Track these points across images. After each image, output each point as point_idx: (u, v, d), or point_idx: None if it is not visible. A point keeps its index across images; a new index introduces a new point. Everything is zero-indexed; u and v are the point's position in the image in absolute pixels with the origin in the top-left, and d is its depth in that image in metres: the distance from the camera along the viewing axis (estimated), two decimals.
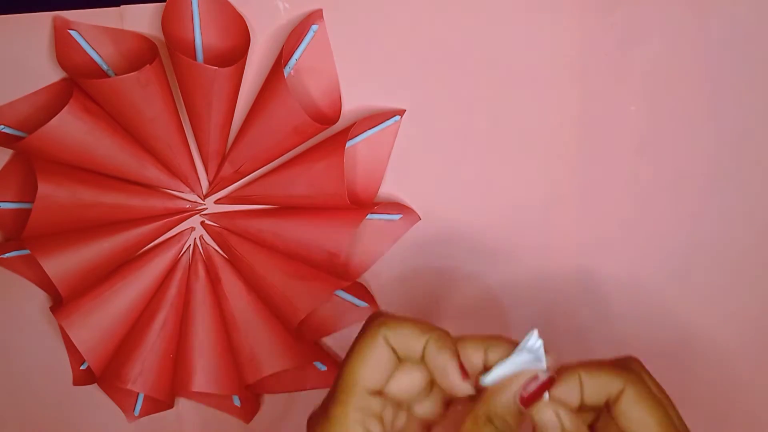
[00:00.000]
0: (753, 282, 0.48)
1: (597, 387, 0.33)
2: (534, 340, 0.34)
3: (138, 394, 0.49)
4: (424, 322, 0.35)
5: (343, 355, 0.49)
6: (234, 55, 0.42)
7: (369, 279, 0.48)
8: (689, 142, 0.46)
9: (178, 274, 0.47)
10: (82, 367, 0.49)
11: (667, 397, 0.34)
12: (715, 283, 0.48)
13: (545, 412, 0.33)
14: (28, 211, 0.42)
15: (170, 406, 0.48)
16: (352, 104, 0.45)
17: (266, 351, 0.47)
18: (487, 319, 0.48)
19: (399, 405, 0.35)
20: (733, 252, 0.47)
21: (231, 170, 0.45)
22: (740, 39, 0.44)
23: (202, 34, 0.42)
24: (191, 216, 0.47)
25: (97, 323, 0.46)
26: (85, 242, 0.44)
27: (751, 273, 0.48)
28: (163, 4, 0.41)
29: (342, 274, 0.45)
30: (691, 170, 0.46)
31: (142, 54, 0.43)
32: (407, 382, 0.34)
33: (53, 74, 0.44)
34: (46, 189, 0.42)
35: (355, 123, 0.43)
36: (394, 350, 0.34)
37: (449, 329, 0.49)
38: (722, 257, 0.47)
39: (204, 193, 0.46)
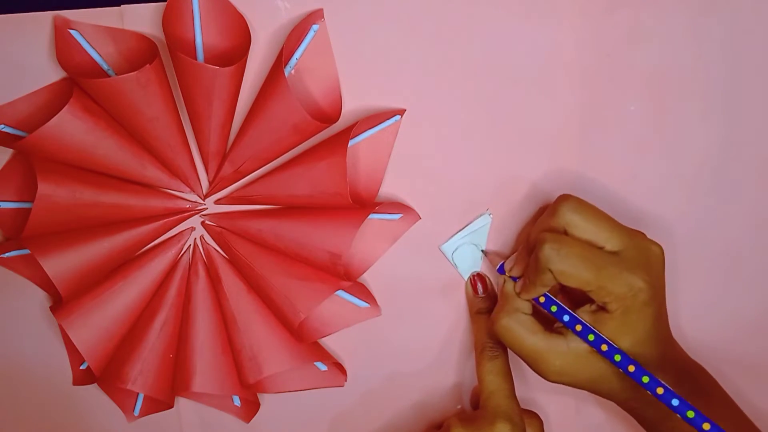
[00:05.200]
0: (751, 283, 0.48)
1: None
2: (482, 220, 0.46)
3: (138, 394, 0.49)
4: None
5: (343, 354, 0.49)
6: (234, 54, 0.42)
7: (369, 279, 0.48)
8: (689, 142, 0.46)
9: (178, 274, 0.47)
10: (82, 367, 0.49)
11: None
12: (714, 283, 0.48)
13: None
14: (28, 211, 0.42)
15: (170, 406, 0.48)
16: (352, 104, 0.45)
17: (266, 351, 0.47)
18: None
19: None
20: (733, 253, 0.47)
21: (231, 169, 0.45)
22: (740, 39, 0.44)
23: (202, 33, 0.42)
24: (191, 216, 0.47)
25: (97, 323, 0.46)
26: (85, 242, 0.44)
27: (750, 274, 0.48)
28: (164, 3, 0.41)
29: (343, 275, 0.45)
30: (691, 170, 0.46)
31: (142, 54, 0.43)
32: None
33: (53, 74, 0.44)
34: (46, 188, 0.42)
35: (356, 123, 0.43)
36: None
37: (449, 329, 0.49)
38: (722, 258, 0.48)
39: (204, 193, 0.46)
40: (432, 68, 0.44)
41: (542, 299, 0.42)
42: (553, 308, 0.42)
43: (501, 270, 0.45)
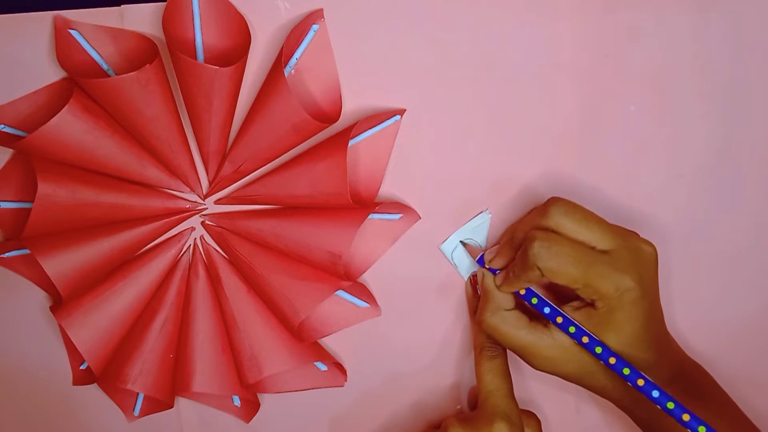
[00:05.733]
0: (751, 283, 0.48)
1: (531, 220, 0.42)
2: (480, 218, 0.46)
3: (138, 394, 0.49)
4: None
5: (343, 354, 0.49)
6: (234, 54, 0.42)
7: (369, 279, 0.48)
8: (689, 143, 0.46)
9: (179, 274, 0.47)
10: (81, 367, 0.49)
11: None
12: (714, 283, 0.48)
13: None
14: (28, 211, 0.42)
15: (170, 406, 0.48)
16: (352, 104, 0.45)
17: (266, 351, 0.47)
18: None
19: None
20: (733, 253, 0.47)
21: (231, 169, 0.45)
22: (740, 39, 0.44)
23: (202, 33, 0.42)
24: (191, 216, 0.47)
25: (97, 323, 0.46)
26: (85, 242, 0.44)
27: (749, 274, 0.48)
28: (164, 3, 0.41)
29: (343, 275, 0.45)
30: (691, 170, 0.46)
31: (142, 54, 0.43)
32: None
33: (53, 74, 0.44)
34: (46, 189, 0.42)
35: (356, 123, 0.43)
36: None
37: (448, 328, 0.49)
38: (722, 259, 0.48)
39: (204, 193, 0.46)
40: (432, 68, 0.44)
41: (522, 291, 0.42)
42: (534, 300, 0.42)
43: (481, 261, 0.45)
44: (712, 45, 0.44)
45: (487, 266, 0.44)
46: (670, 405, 0.38)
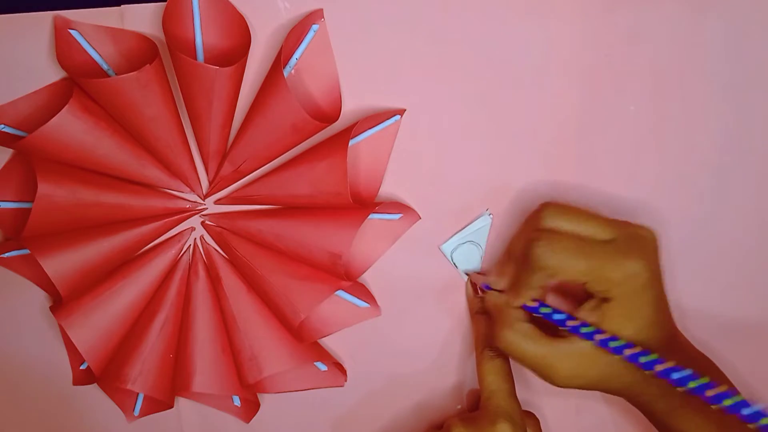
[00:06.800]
0: (753, 282, 0.48)
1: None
2: (482, 220, 0.46)
3: (138, 394, 0.49)
4: None
5: (343, 354, 0.49)
6: (234, 54, 0.42)
7: (369, 279, 0.48)
8: (689, 142, 0.46)
9: (178, 274, 0.47)
10: (81, 367, 0.49)
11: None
12: (714, 283, 0.48)
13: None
14: (28, 211, 0.42)
15: (170, 406, 0.48)
16: (352, 104, 0.45)
17: (266, 351, 0.47)
18: None
19: None
20: (733, 253, 0.47)
21: (231, 169, 0.45)
22: (740, 39, 0.44)
23: (202, 33, 0.42)
24: (191, 216, 0.47)
25: (97, 323, 0.46)
26: (85, 242, 0.44)
27: (752, 273, 0.48)
28: (164, 3, 0.41)
29: (343, 275, 0.45)
30: (691, 170, 0.46)
31: (142, 54, 0.43)
32: None
33: (53, 74, 0.44)
34: (45, 188, 0.42)
35: (356, 122, 0.43)
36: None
37: (449, 329, 0.49)
38: (722, 258, 0.48)
39: (204, 193, 0.46)
40: (432, 68, 0.44)
41: (530, 303, 0.41)
42: (543, 309, 0.41)
43: (487, 288, 0.45)
44: (712, 45, 0.44)
45: (493, 288, 0.44)
46: (693, 384, 0.38)
